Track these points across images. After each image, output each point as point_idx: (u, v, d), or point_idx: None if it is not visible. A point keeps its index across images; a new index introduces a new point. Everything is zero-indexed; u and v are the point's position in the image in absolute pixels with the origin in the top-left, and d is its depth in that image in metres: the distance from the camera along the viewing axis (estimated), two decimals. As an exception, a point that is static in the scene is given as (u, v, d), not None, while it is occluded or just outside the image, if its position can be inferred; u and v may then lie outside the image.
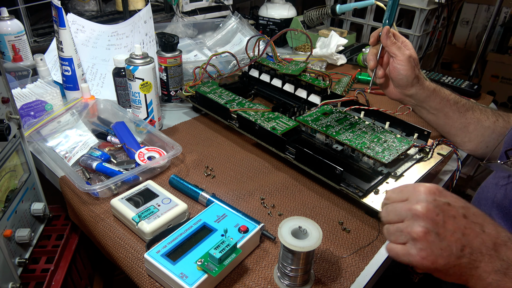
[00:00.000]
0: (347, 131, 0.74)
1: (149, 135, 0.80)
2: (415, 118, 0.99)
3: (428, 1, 1.34)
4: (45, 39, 1.07)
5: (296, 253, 0.48)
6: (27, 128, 0.76)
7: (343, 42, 1.23)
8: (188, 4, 1.31)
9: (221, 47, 1.26)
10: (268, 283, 0.53)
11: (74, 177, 0.64)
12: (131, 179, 0.69)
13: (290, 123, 0.78)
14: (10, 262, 0.63)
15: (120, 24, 1.03)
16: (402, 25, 1.62)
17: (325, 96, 0.89)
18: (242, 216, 0.59)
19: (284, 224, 0.50)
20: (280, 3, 1.43)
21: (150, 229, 0.57)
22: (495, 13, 1.72)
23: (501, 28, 2.31)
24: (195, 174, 0.74)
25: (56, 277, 0.74)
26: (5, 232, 0.62)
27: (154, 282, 0.53)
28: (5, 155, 0.63)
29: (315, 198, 0.69)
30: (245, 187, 0.71)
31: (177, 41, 0.91)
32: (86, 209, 0.65)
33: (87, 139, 0.77)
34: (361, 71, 1.19)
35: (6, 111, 0.61)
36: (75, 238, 0.83)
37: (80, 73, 0.89)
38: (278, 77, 0.97)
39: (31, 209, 0.72)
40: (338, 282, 0.54)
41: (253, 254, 0.57)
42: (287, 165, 0.77)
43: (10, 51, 0.93)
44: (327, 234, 0.61)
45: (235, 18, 1.29)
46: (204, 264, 0.49)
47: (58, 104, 0.85)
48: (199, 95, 0.89)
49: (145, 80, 0.79)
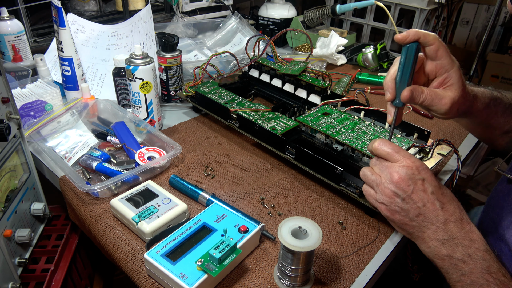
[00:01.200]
0: (347, 131, 0.74)
1: (149, 135, 0.80)
2: (415, 118, 0.99)
3: (428, 1, 1.34)
4: (45, 39, 1.07)
5: (296, 253, 0.48)
6: (27, 128, 0.76)
7: (343, 42, 1.23)
8: (188, 4, 1.31)
9: (221, 47, 1.26)
10: (268, 283, 0.53)
11: (74, 177, 0.64)
12: (131, 179, 0.69)
13: (290, 123, 0.78)
14: (10, 262, 0.63)
15: (120, 24, 1.03)
16: (402, 25, 1.62)
17: (325, 96, 0.89)
18: (242, 216, 0.59)
19: (284, 224, 0.50)
20: (280, 3, 1.43)
21: (150, 229, 0.57)
22: (495, 13, 1.73)
23: (501, 28, 2.31)
24: (195, 174, 0.74)
25: (56, 277, 0.74)
26: (5, 232, 0.62)
27: (154, 282, 0.53)
28: (5, 155, 0.63)
29: (315, 198, 0.69)
30: (245, 187, 0.71)
31: (177, 41, 0.91)
32: (86, 209, 0.65)
33: (87, 139, 0.77)
34: (361, 71, 1.19)
35: (6, 111, 0.61)
36: (75, 238, 0.83)
37: (80, 73, 0.89)
38: (278, 77, 0.97)
39: (31, 209, 0.72)
40: (338, 282, 0.54)
41: (253, 254, 0.57)
42: (287, 165, 0.77)
43: (10, 51, 0.93)
44: (327, 234, 0.61)
45: (235, 18, 1.29)
46: (204, 264, 0.49)
47: (58, 104, 0.85)
48: (199, 95, 0.89)
49: (145, 80, 0.79)
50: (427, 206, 0.51)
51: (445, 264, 0.50)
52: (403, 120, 0.79)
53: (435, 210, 0.51)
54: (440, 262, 0.51)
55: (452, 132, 0.93)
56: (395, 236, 0.62)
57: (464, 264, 0.49)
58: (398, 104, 0.57)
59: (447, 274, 0.51)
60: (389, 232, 0.62)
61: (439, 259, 0.51)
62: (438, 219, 0.51)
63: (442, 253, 0.50)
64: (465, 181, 1.82)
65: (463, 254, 0.49)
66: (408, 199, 0.51)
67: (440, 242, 0.51)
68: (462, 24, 2.53)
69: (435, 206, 0.51)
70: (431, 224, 0.51)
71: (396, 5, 1.41)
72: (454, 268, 0.50)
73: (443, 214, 0.51)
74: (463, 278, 0.49)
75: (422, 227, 0.52)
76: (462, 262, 0.49)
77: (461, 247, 0.50)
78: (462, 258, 0.49)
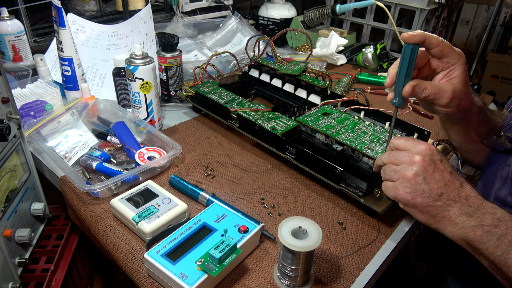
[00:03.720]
0: (347, 131, 0.74)
1: (149, 135, 0.80)
2: (415, 118, 0.99)
3: (428, 1, 1.34)
4: (45, 39, 1.07)
5: (296, 253, 0.48)
6: (27, 128, 0.76)
7: (343, 42, 1.23)
8: (188, 4, 1.31)
9: (221, 47, 1.26)
10: (268, 283, 0.53)
11: (74, 177, 0.64)
12: (131, 179, 0.69)
13: (290, 123, 0.78)
14: (10, 262, 0.63)
15: (120, 24, 1.03)
16: (402, 25, 1.62)
17: (325, 96, 0.89)
18: (242, 216, 0.59)
19: (284, 224, 0.50)
20: (280, 3, 1.43)
21: (150, 229, 0.57)
22: (495, 13, 1.73)
23: (501, 28, 2.32)
24: (195, 174, 0.74)
25: (56, 277, 0.74)
26: (5, 232, 0.62)
27: (154, 282, 0.53)
28: (5, 155, 0.63)
29: (315, 198, 0.69)
30: (245, 187, 0.71)
31: (177, 41, 0.91)
32: (86, 209, 0.65)
33: (87, 139, 0.77)
34: (361, 71, 1.19)
35: (6, 111, 0.61)
36: (75, 238, 0.83)
37: (80, 73, 0.89)
38: (278, 77, 0.97)
39: (31, 209, 0.72)
40: (338, 282, 0.54)
41: (253, 254, 0.57)
42: (287, 165, 0.77)
43: (10, 51, 0.93)
44: (327, 234, 0.61)
45: (235, 18, 1.29)
46: (204, 264, 0.49)
47: (58, 104, 0.85)
48: (199, 95, 0.89)
49: (145, 80, 0.79)
50: (448, 185, 0.52)
51: (478, 234, 0.50)
52: (403, 120, 0.79)
53: (456, 189, 0.52)
54: (472, 235, 0.50)
55: (452, 132, 0.93)
56: (395, 236, 0.62)
57: (497, 228, 0.49)
58: (395, 103, 0.57)
59: (483, 245, 0.50)
60: (389, 232, 0.62)
61: (471, 231, 0.51)
62: (460, 195, 0.52)
63: (472, 224, 0.50)
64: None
65: (493, 219, 0.50)
66: (430, 178, 0.51)
67: (467, 215, 0.51)
68: (462, 24, 2.53)
69: (456, 185, 0.52)
70: (454, 202, 0.51)
71: (396, 5, 1.41)
72: (488, 234, 0.50)
73: (464, 191, 0.52)
74: (500, 241, 0.49)
75: (446, 205, 0.52)
76: (494, 226, 0.50)
77: (488, 214, 0.51)
78: (492, 223, 0.50)
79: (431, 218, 0.53)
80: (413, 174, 0.52)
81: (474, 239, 0.50)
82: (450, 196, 0.51)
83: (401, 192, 0.52)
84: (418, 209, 0.53)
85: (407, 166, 0.52)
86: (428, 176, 0.51)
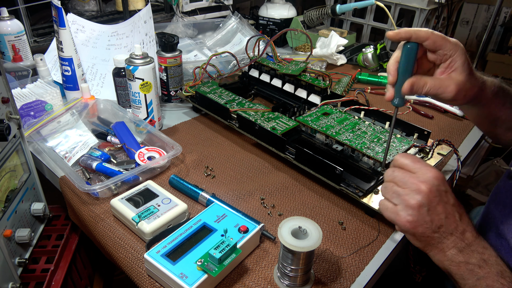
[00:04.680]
0: (347, 131, 0.74)
1: (149, 135, 0.80)
2: (415, 118, 0.99)
3: (428, 1, 1.34)
4: (45, 39, 1.07)
5: (296, 253, 0.48)
6: (27, 128, 0.76)
7: (343, 42, 1.23)
8: (188, 4, 1.31)
9: (221, 47, 1.26)
10: (268, 283, 0.53)
11: (74, 177, 0.64)
12: (131, 179, 0.69)
13: (290, 123, 0.78)
14: (10, 262, 0.63)
15: (120, 24, 1.03)
16: (402, 25, 1.62)
17: (325, 96, 0.89)
18: (242, 216, 0.59)
19: (284, 224, 0.50)
20: (280, 3, 1.43)
21: (150, 229, 0.57)
22: (495, 13, 1.73)
23: (501, 28, 2.31)
24: (195, 174, 0.74)
25: (56, 277, 0.74)
26: (5, 232, 0.62)
27: (154, 282, 0.53)
28: (5, 155, 0.63)
29: (315, 198, 0.69)
30: (245, 187, 0.71)
31: (177, 41, 0.91)
32: (86, 209, 0.65)
33: (87, 139, 0.77)
34: (361, 71, 1.19)
35: (6, 111, 0.61)
36: (75, 238, 0.83)
37: (80, 73, 0.89)
38: (278, 77, 0.97)
39: (31, 209, 0.72)
40: (338, 282, 0.54)
41: (253, 254, 0.57)
42: (287, 165, 0.77)
43: (10, 51, 0.93)
44: (327, 234, 0.61)
45: (235, 18, 1.29)
46: (204, 264, 0.49)
47: (58, 104, 0.85)
48: (199, 95, 0.89)
49: (145, 80, 0.79)
50: (448, 218, 0.51)
51: (461, 270, 0.51)
52: (403, 120, 0.79)
53: (455, 222, 0.51)
54: (455, 269, 0.51)
55: (452, 132, 0.93)
56: (395, 236, 0.62)
57: (480, 269, 0.50)
58: (395, 103, 0.56)
59: (462, 280, 0.51)
60: (389, 232, 0.62)
61: (455, 266, 0.51)
62: (457, 229, 0.51)
63: (459, 259, 0.51)
64: (465, 181, 1.82)
65: (479, 259, 0.50)
66: (433, 210, 0.50)
67: (458, 249, 0.51)
68: (462, 24, 2.53)
69: (455, 218, 0.51)
70: (450, 235, 0.51)
71: (396, 5, 1.40)
72: (470, 273, 0.50)
73: (461, 225, 0.51)
74: (478, 283, 0.49)
75: (442, 238, 0.51)
76: (478, 267, 0.50)
77: (476, 253, 0.51)
78: (478, 263, 0.50)
79: (426, 245, 0.53)
80: (418, 204, 0.50)
81: (456, 274, 0.51)
82: (447, 229, 0.51)
83: (402, 219, 0.51)
84: (415, 236, 0.52)
85: (412, 193, 0.50)
86: (432, 207, 0.50)
